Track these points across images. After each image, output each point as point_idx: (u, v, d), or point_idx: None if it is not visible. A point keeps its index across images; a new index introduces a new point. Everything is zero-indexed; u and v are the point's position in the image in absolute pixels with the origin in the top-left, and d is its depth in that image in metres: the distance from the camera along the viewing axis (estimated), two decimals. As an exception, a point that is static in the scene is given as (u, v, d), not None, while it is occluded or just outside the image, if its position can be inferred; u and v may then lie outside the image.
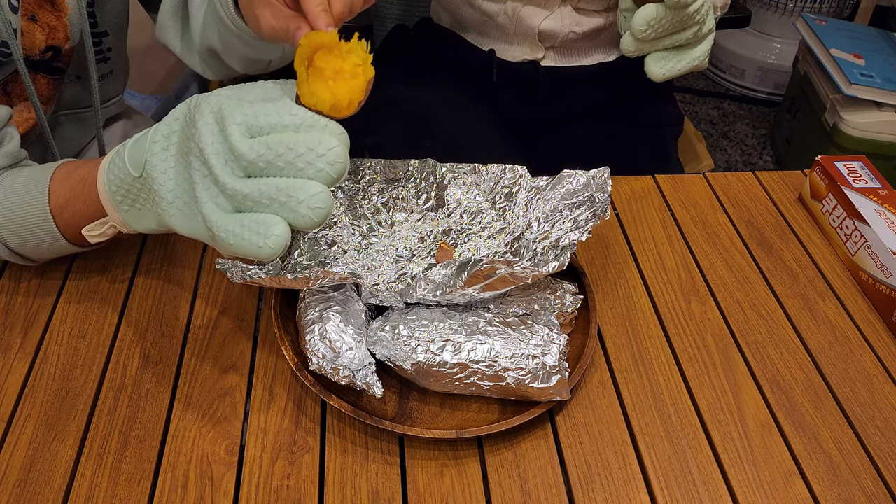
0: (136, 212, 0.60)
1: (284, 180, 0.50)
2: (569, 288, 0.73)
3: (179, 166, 0.55)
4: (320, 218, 0.50)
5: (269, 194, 0.50)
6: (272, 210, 0.50)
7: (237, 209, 0.52)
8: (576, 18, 1.08)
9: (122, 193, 0.59)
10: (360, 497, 0.60)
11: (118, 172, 0.58)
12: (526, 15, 1.08)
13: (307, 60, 0.50)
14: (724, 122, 2.39)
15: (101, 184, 0.60)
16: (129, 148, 0.58)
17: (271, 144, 0.50)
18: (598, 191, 0.75)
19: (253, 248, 0.51)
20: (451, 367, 0.63)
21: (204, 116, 0.52)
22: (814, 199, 0.90)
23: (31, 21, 0.77)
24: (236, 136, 0.51)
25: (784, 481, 0.63)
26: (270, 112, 0.51)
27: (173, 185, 0.56)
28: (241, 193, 0.51)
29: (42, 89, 0.83)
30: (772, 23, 2.39)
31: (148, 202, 0.58)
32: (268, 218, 0.50)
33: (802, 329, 0.77)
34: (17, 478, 0.60)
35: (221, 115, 0.52)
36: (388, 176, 0.82)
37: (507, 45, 1.13)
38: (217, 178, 0.51)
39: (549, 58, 1.13)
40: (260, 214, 0.51)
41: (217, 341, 0.71)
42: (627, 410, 0.68)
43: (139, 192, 0.58)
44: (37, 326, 0.71)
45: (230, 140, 0.51)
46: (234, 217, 0.51)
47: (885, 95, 1.76)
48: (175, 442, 0.63)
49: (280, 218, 0.50)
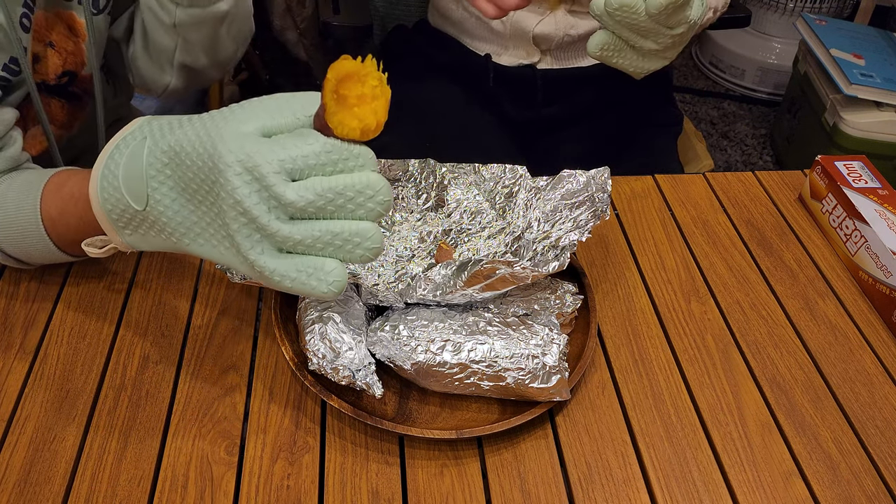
0: (140, 236, 0.57)
1: (337, 224, 0.49)
2: (569, 288, 0.73)
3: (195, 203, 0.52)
4: (377, 254, 0.50)
5: (324, 240, 0.49)
6: (326, 253, 0.50)
7: (285, 250, 0.51)
8: (570, 21, 1.08)
9: (125, 221, 0.56)
10: (360, 497, 0.60)
11: (117, 204, 0.55)
12: (520, 19, 1.08)
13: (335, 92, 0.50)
14: (724, 122, 2.39)
15: (97, 208, 0.57)
16: (123, 176, 0.54)
17: (319, 191, 0.49)
18: (598, 191, 0.75)
19: (315, 293, 0.50)
20: (451, 367, 0.63)
21: (230, 165, 0.49)
22: (814, 199, 0.90)
23: (49, 47, 0.77)
24: (280, 187, 0.48)
25: (784, 481, 0.63)
26: (305, 152, 0.49)
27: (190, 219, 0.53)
28: (293, 240, 0.49)
29: (56, 114, 0.83)
30: (772, 23, 2.39)
31: (155, 229, 0.55)
32: (324, 261, 0.50)
33: (802, 329, 0.77)
34: (17, 478, 0.60)
35: (254, 164, 0.48)
36: (388, 176, 0.82)
37: (502, 49, 1.13)
38: (263, 227, 0.49)
39: (546, 61, 1.13)
40: (313, 258, 0.50)
41: (217, 341, 0.71)
42: (627, 410, 0.68)
43: (142, 223, 0.56)
44: (37, 326, 0.71)
45: (274, 191, 0.48)
46: (285, 260, 0.50)
47: (885, 95, 1.76)
48: (175, 442, 0.63)
49: (335, 260, 0.50)
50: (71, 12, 0.78)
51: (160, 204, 0.53)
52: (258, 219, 0.49)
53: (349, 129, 0.50)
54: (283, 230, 0.49)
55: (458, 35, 1.17)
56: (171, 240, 0.55)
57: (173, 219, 0.53)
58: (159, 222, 0.54)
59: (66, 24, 0.78)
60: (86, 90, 0.85)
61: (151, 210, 0.54)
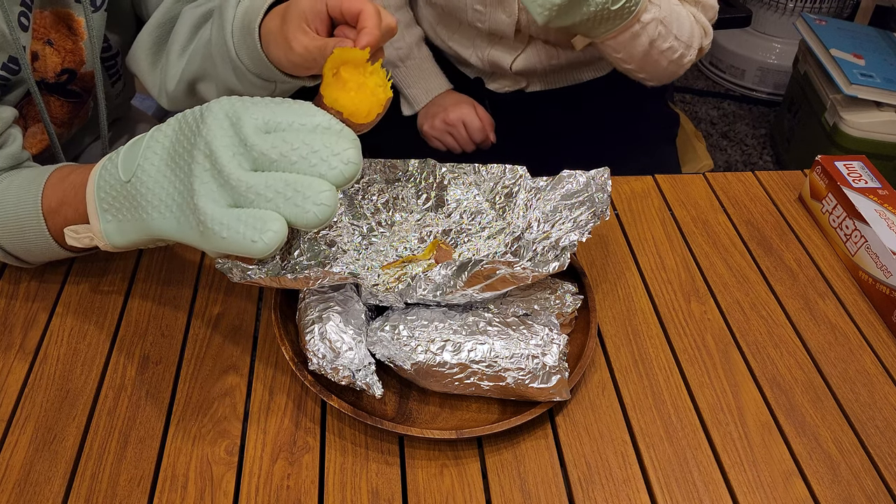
0: (117, 223, 0.58)
1: (293, 175, 0.49)
2: (569, 288, 0.73)
3: (173, 172, 0.54)
4: (325, 216, 0.49)
5: (276, 187, 0.49)
6: (275, 205, 0.49)
7: (236, 204, 0.51)
8: (550, 52, 1.06)
9: (109, 201, 0.58)
10: (360, 497, 0.60)
11: (109, 178, 0.57)
12: (495, 58, 1.07)
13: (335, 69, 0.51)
14: (724, 122, 2.39)
15: (91, 189, 0.59)
16: (124, 153, 0.57)
17: (287, 137, 0.49)
18: (598, 191, 0.75)
19: (246, 243, 0.49)
20: (451, 367, 0.63)
21: (215, 114, 0.52)
22: (814, 199, 0.90)
23: (48, 45, 0.77)
24: (251, 128, 0.50)
25: (784, 481, 0.63)
26: (289, 112, 0.51)
27: (162, 187, 0.54)
28: (245, 184, 0.49)
29: (56, 112, 0.83)
30: (772, 23, 2.39)
31: (131, 210, 0.57)
32: (266, 214, 0.49)
33: (802, 329, 0.77)
34: (17, 478, 0.60)
35: (236, 113, 0.51)
36: (388, 176, 0.82)
37: (489, 79, 1.13)
38: (222, 168, 0.50)
39: (535, 85, 1.13)
40: (258, 210, 0.49)
41: (217, 341, 0.71)
42: (627, 410, 0.68)
43: (123, 201, 0.57)
44: (37, 327, 0.71)
45: (244, 131, 0.50)
46: (230, 211, 0.50)
47: (885, 95, 1.76)
48: (175, 442, 0.63)
49: (279, 215, 0.49)
50: (69, 10, 0.78)
51: (144, 173, 0.55)
52: (220, 159, 0.50)
53: (339, 105, 0.50)
54: (239, 174, 0.49)
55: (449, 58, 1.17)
56: (141, 216, 0.56)
57: (150, 189, 0.55)
58: (136, 195, 0.55)
59: (64, 23, 0.78)
60: (86, 88, 0.85)
61: (135, 180, 0.55)
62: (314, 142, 0.49)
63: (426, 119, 1.12)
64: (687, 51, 0.95)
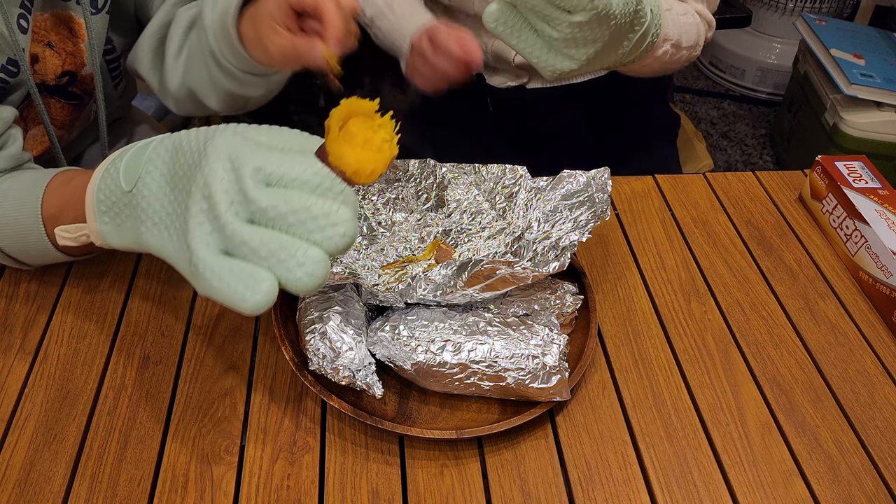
0: (115, 226, 0.58)
1: (289, 239, 0.48)
2: (569, 288, 0.73)
3: (174, 192, 0.53)
4: (314, 286, 0.48)
5: (270, 247, 0.48)
6: (267, 264, 0.48)
7: (228, 252, 0.49)
8: None
9: (108, 204, 0.57)
10: (360, 497, 0.60)
11: (110, 184, 0.57)
12: (499, 49, 1.08)
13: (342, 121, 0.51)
14: (724, 122, 2.39)
15: (91, 192, 0.58)
16: (127, 161, 0.57)
17: (287, 198, 0.48)
18: (598, 191, 0.75)
19: (237, 298, 0.48)
20: (451, 367, 0.63)
21: (218, 152, 0.50)
22: (814, 199, 0.90)
23: (48, 47, 0.77)
24: (251, 182, 0.49)
25: (784, 481, 0.63)
26: (292, 165, 0.49)
27: (163, 206, 0.54)
28: (240, 238, 0.48)
29: (56, 114, 0.83)
30: (772, 23, 2.39)
31: (130, 218, 0.56)
32: (259, 271, 0.48)
33: (802, 329, 0.77)
34: (17, 478, 0.60)
35: (239, 156, 0.49)
36: (388, 176, 0.82)
37: (491, 73, 1.13)
38: (219, 216, 0.49)
39: (535, 81, 1.13)
40: (251, 265, 0.48)
41: (217, 341, 0.71)
42: (627, 410, 0.68)
43: (123, 208, 0.57)
44: (37, 327, 0.71)
45: (243, 182, 0.48)
46: (224, 260, 0.49)
47: (885, 95, 1.76)
48: (175, 442, 0.63)
49: (271, 274, 0.48)
50: (69, 13, 0.78)
51: (146, 188, 0.54)
52: (217, 206, 0.49)
53: (344, 164, 0.50)
54: (235, 226, 0.48)
55: None
56: (139, 228, 0.55)
57: (151, 205, 0.54)
58: (137, 207, 0.55)
59: (65, 25, 0.78)
60: (86, 90, 0.85)
61: (136, 193, 0.55)
62: (314, 207, 0.48)
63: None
64: (691, 51, 0.94)
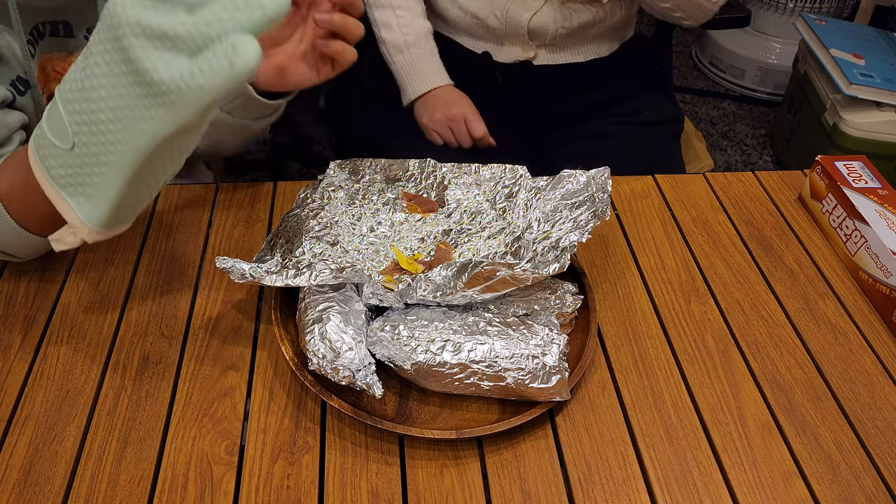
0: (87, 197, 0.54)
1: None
2: (569, 288, 0.73)
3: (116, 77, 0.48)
4: (278, 9, 0.45)
5: (222, 5, 0.45)
6: (231, 19, 0.45)
7: (191, 53, 0.46)
8: (564, 13, 1.11)
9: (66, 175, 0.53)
10: (360, 497, 0.60)
11: (52, 152, 0.53)
12: (514, 13, 1.10)
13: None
14: (724, 122, 2.39)
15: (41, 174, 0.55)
16: (46, 122, 0.52)
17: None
18: (599, 191, 0.75)
19: (225, 70, 0.44)
20: (451, 368, 0.63)
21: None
22: (814, 199, 0.90)
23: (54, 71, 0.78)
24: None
25: (784, 481, 0.63)
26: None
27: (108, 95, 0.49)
28: (189, 21, 0.45)
29: None
30: (772, 23, 2.39)
31: (94, 167, 0.52)
32: (228, 39, 0.44)
33: (802, 329, 0.77)
34: (17, 478, 0.60)
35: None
36: (388, 176, 0.82)
37: (498, 46, 1.15)
38: (158, 27, 0.45)
39: (542, 56, 1.14)
40: (213, 47, 0.45)
41: (217, 341, 0.71)
42: (627, 410, 0.68)
43: (83, 167, 0.52)
44: (37, 326, 0.71)
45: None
46: (191, 59, 0.46)
47: (885, 95, 1.76)
48: (175, 442, 0.63)
49: (241, 31, 0.45)
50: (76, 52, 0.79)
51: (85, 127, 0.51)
52: (150, 22, 0.45)
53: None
54: (176, 17, 0.45)
55: (456, 35, 1.18)
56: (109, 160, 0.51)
57: (101, 107, 0.50)
58: (90, 143, 0.51)
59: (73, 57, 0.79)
60: None
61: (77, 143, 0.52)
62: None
63: (425, 111, 1.13)
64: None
